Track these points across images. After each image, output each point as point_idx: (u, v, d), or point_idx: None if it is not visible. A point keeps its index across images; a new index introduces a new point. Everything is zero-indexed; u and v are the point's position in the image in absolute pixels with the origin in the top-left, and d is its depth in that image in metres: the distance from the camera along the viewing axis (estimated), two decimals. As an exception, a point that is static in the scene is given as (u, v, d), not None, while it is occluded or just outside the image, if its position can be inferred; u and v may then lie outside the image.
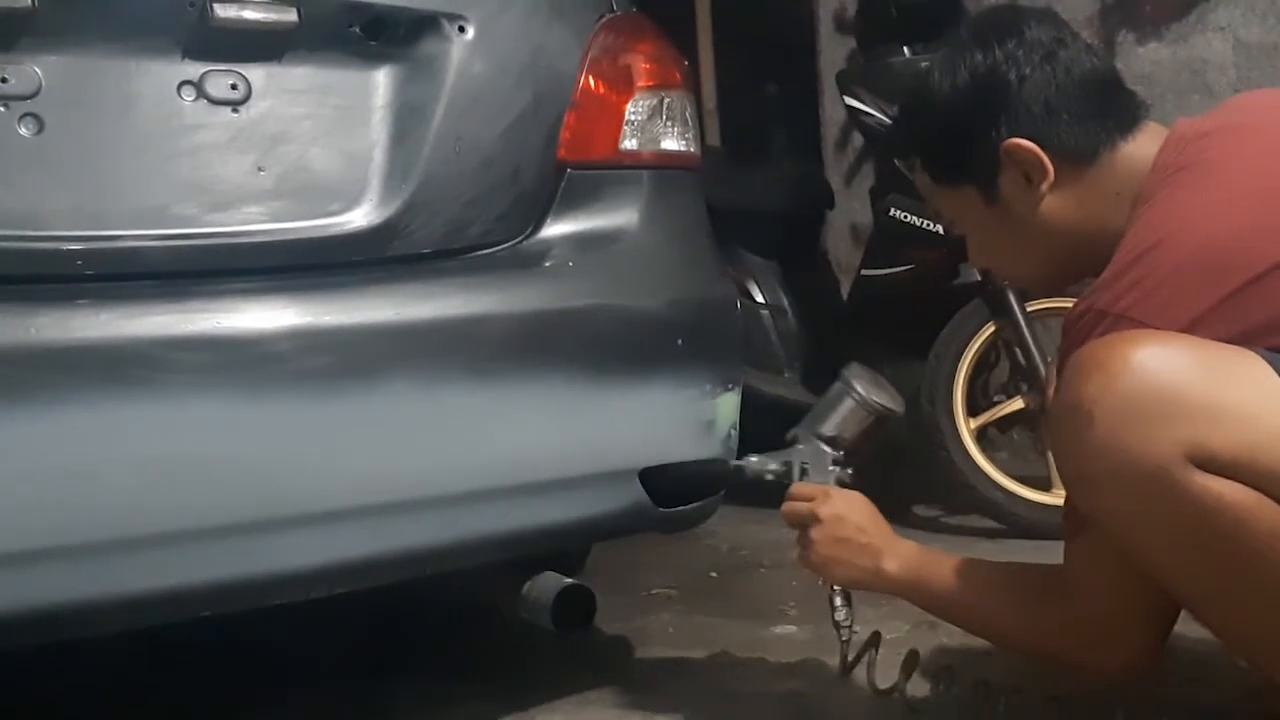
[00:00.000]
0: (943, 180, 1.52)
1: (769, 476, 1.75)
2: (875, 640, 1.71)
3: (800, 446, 1.73)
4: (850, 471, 1.71)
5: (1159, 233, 1.29)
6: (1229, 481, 1.16)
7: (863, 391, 1.70)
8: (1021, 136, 1.41)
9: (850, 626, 1.71)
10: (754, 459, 1.76)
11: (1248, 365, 1.19)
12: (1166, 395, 1.17)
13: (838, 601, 1.70)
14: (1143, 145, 1.40)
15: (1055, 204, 1.42)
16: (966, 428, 2.87)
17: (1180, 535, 1.19)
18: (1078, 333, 1.30)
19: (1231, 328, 1.22)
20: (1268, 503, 1.16)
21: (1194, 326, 1.22)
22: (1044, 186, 1.42)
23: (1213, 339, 1.21)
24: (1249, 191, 1.29)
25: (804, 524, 1.66)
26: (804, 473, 1.71)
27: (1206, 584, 1.23)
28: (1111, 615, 1.36)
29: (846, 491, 1.68)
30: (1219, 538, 1.17)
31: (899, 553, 1.60)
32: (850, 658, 1.72)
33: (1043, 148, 1.40)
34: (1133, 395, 1.18)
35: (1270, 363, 1.19)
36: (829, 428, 1.71)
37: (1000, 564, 1.60)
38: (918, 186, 1.57)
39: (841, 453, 1.71)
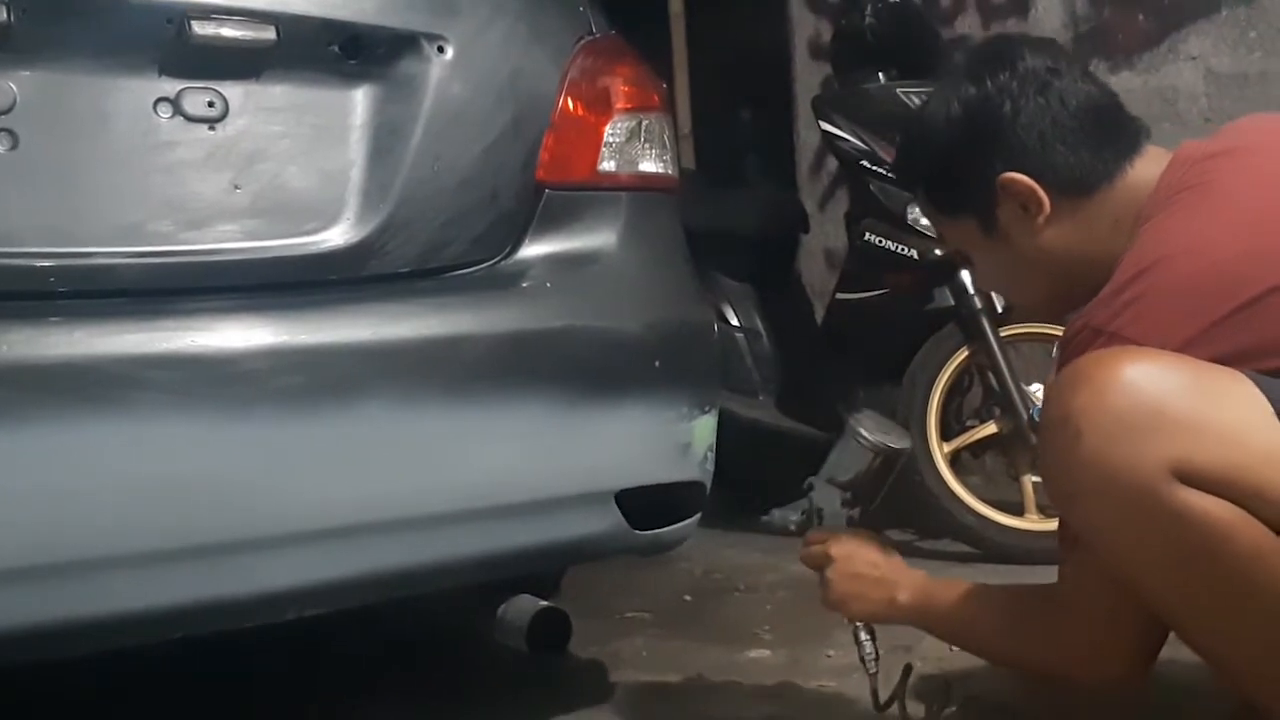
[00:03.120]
0: (943, 210, 1.54)
1: (791, 527, 1.83)
2: (907, 673, 1.70)
3: (814, 494, 1.79)
4: (858, 510, 1.78)
5: (1158, 252, 1.30)
6: (1213, 498, 1.16)
7: (867, 435, 1.75)
8: (1016, 169, 1.42)
9: (876, 660, 1.71)
10: (776, 512, 1.93)
11: (1236, 385, 1.20)
12: (1154, 411, 1.18)
13: (862, 636, 1.71)
14: (1143, 170, 1.41)
15: (1054, 234, 1.43)
16: (940, 452, 2.88)
17: (1164, 550, 1.19)
18: (1073, 349, 1.31)
19: (1223, 349, 1.23)
20: (1251, 520, 1.16)
21: (1186, 347, 1.23)
22: (1041, 218, 1.43)
23: (1204, 360, 1.22)
24: (1249, 215, 1.30)
25: (820, 566, 1.69)
26: (819, 518, 1.77)
27: (1189, 600, 1.23)
28: (1103, 631, 1.36)
29: (858, 531, 1.73)
30: (1202, 553, 1.17)
31: (910, 583, 1.63)
32: (879, 690, 1.71)
33: (1038, 180, 1.41)
34: (1120, 410, 1.18)
35: (1259, 384, 1.19)
36: (840, 473, 1.78)
37: (1000, 587, 1.61)
38: (926, 216, 1.64)
39: (850, 494, 1.77)
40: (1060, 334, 1.50)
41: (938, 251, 2.85)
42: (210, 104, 1.57)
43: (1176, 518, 1.17)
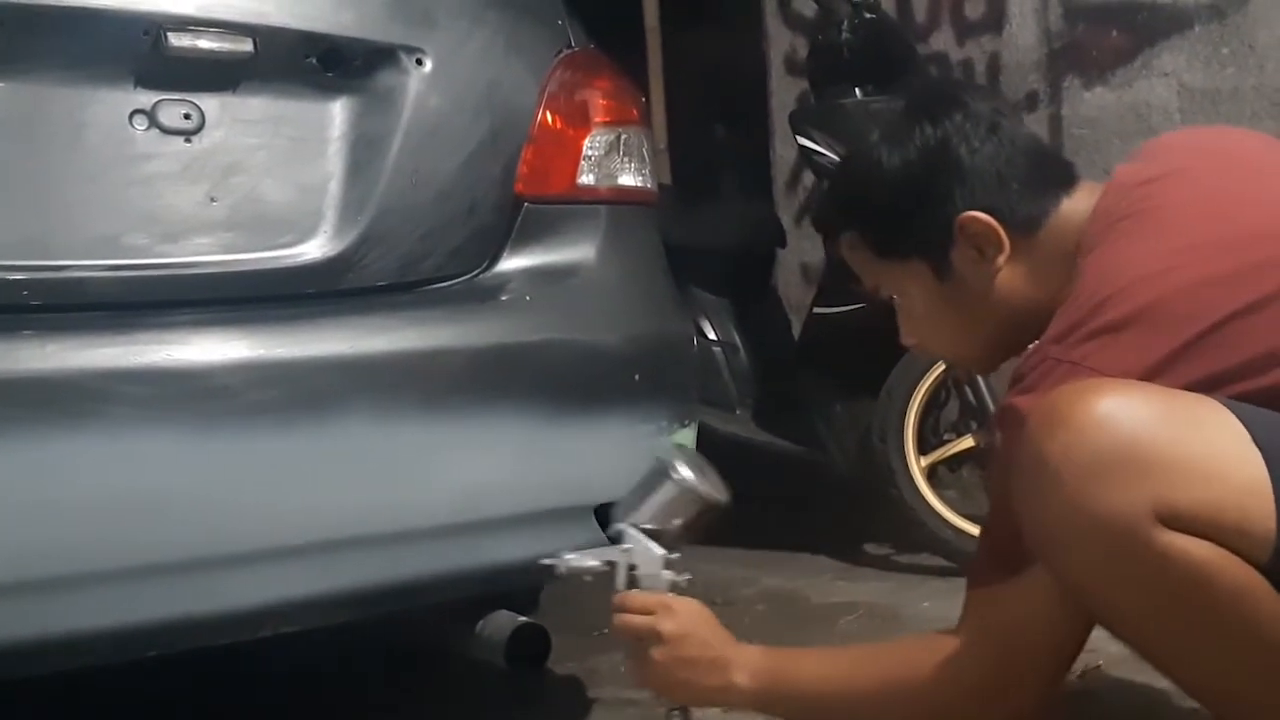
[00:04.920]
0: (889, 255, 1.47)
1: (588, 578, 1.50)
2: None
3: (627, 545, 1.49)
4: (688, 576, 1.50)
5: (1113, 284, 1.28)
6: (1196, 540, 1.14)
7: (687, 476, 1.47)
8: (976, 208, 1.39)
9: None
10: (570, 556, 1.50)
11: (1212, 414, 1.18)
12: (1132, 451, 1.15)
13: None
14: (1080, 201, 1.40)
15: (1008, 275, 1.40)
16: (917, 466, 2.88)
17: (1148, 594, 1.17)
18: (1033, 379, 1.27)
19: (1190, 376, 1.21)
20: (1232, 559, 1.15)
21: (1153, 375, 1.21)
22: (1000, 259, 1.40)
23: (1175, 383, 1.20)
24: (1196, 241, 1.28)
25: (642, 641, 1.46)
26: (632, 577, 1.48)
27: (1174, 641, 1.21)
28: (1019, 660, 1.31)
29: (686, 601, 1.49)
30: (1186, 596, 1.15)
31: (748, 663, 1.44)
32: None
33: (996, 219, 1.39)
34: (1098, 452, 1.15)
35: (1233, 410, 1.18)
36: (654, 519, 1.48)
37: (864, 646, 1.56)
38: (850, 260, 1.51)
39: (675, 554, 1.49)
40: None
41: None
42: (186, 116, 1.56)
43: (1161, 563, 1.14)
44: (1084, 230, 1.35)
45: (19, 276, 1.45)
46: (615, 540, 1.50)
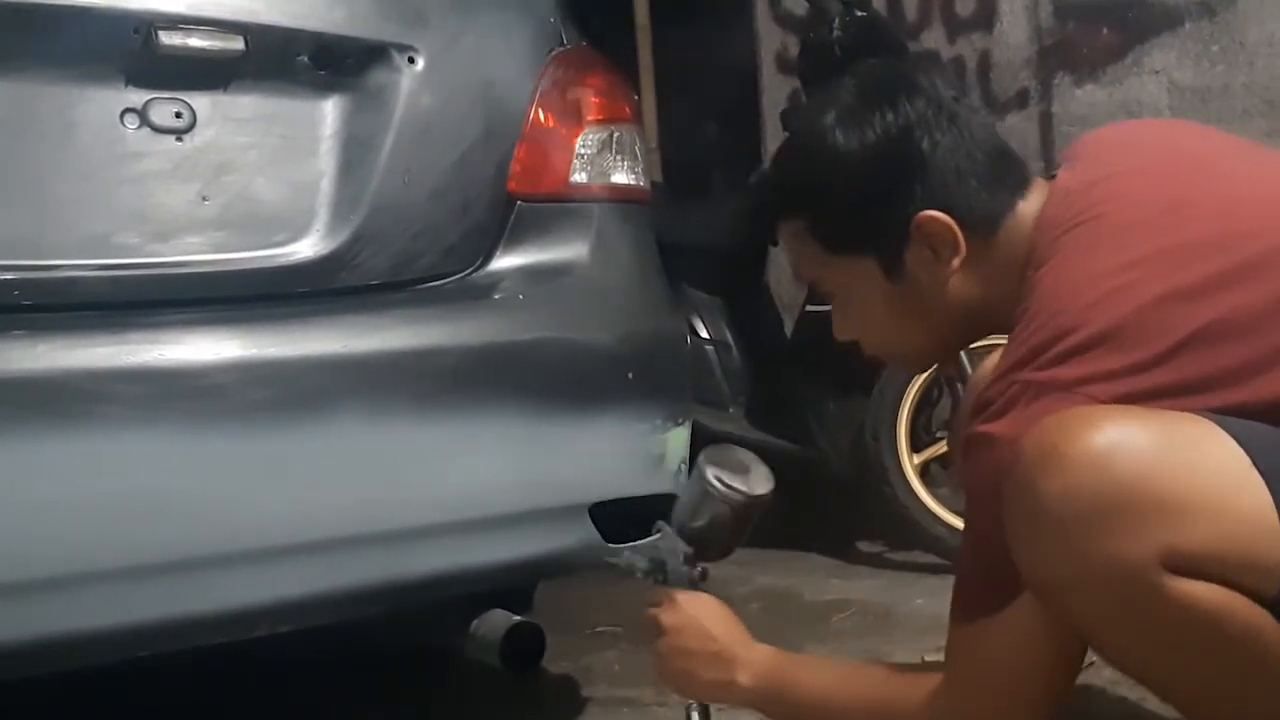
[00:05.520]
0: (838, 250, 1.37)
1: (639, 574, 1.54)
2: None
3: (661, 542, 1.50)
4: (701, 569, 1.48)
5: (1072, 303, 1.21)
6: (1205, 585, 1.11)
7: (714, 479, 1.45)
8: (934, 207, 1.30)
9: None
10: (627, 552, 1.57)
11: (1207, 439, 1.14)
12: (1135, 494, 1.10)
13: (694, 716, 1.49)
14: (1033, 203, 1.33)
15: (960, 278, 1.33)
16: (910, 463, 2.88)
17: (1158, 639, 1.14)
18: (1003, 405, 1.21)
19: (1166, 394, 1.17)
20: (1241, 601, 1.12)
21: (1129, 395, 1.17)
22: (955, 262, 1.32)
23: (1152, 402, 1.16)
24: (1154, 251, 1.23)
25: (654, 635, 1.47)
26: (663, 574, 1.50)
27: (1183, 680, 1.19)
28: (1004, 710, 1.27)
29: (693, 595, 1.47)
30: (1197, 640, 1.13)
31: (755, 662, 1.42)
32: None
33: (955, 219, 1.30)
34: (1100, 496, 1.11)
35: (1227, 428, 1.14)
36: (686, 519, 1.48)
37: (869, 664, 1.51)
38: (789, 248, 1.42)
39: (692, 549, 1.48)
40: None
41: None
42: (178, 115, 1.56)
43: (1171, 611, 1.11)
44: (1033, 239, 1.30)
45: (10, 276, 1.44)
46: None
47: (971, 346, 2.45)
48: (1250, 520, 1.12)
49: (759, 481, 1.47)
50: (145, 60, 1.52)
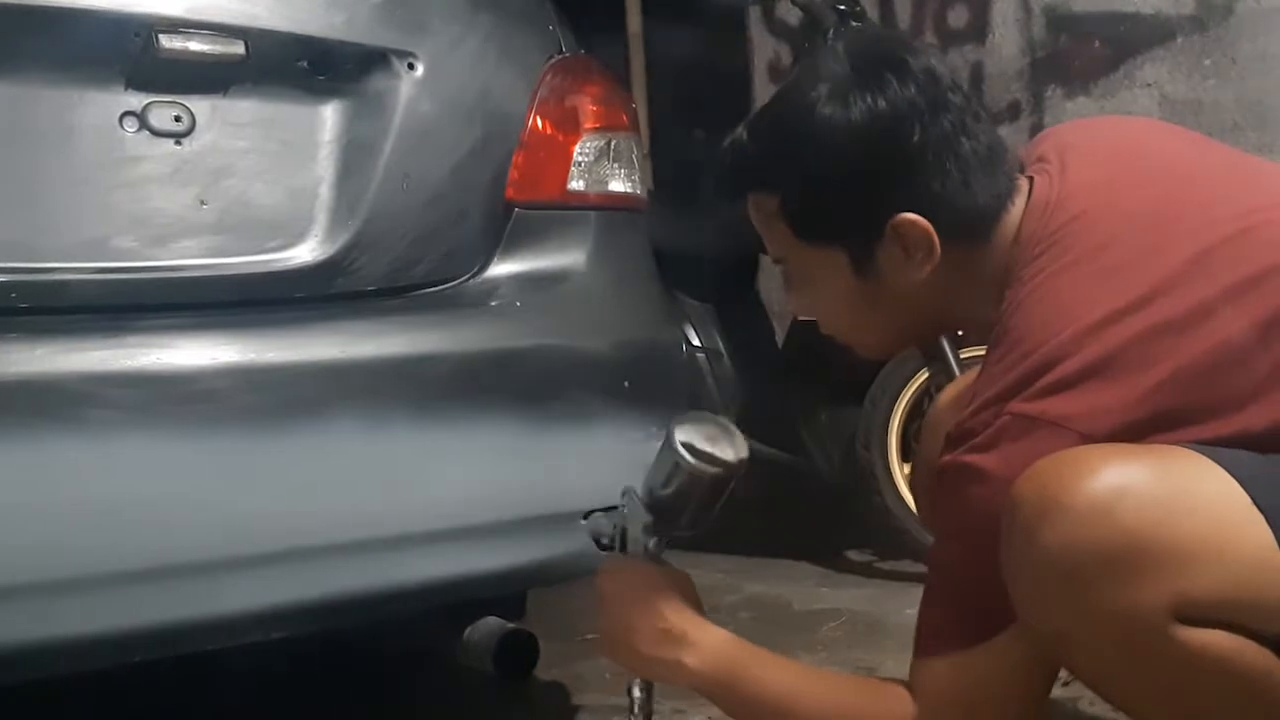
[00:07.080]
0: (807, 238, 1.30)
1: (603, 540, 1.45)
2: None
3: (625, 508, 1.41)
4: (655, 541, 1.37)
5: (1055, 332, 1.18)
6: (1215, 633, 1.10)
7: (682, 445, 1.32)
8: (914, 209, 1.24)
9: None
10: (596, 515, 1.46)
11: (1207, 478, 1.12)
12: (1141, 543, 1.08)
13: (635, 693, 1.39)
14: (1015, 213, 1.28)
15: (930, 281, 1.27)
16: (901, 473, 2.89)
17: (1165, 684, 1.13)
18: (989, 437, 1.17)
19: (1158, 427, 1.15)
20: (1249, 645, 1.11)
21: (1121, 429, 1.15)
22: (927, 266, 1.26)
23: (1144, 436, 1.15)
24: (1137, 277, 1.20)
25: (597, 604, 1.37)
26: (622, 540, 1.40)
27: None
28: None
29: (645, 565, 1.37)
30: (1207, 688, 1.12)
31: (705, 645, 1.31)
32: None
33: (934, 223, 1.24)
34: (1105, 545, 1.08)
35: (1219, 461, 1.13)
36: (654, 487, 1.37)
37: (828, 673, 1.48)
38: (755, 219, 1.34)
39: (655, 518, 1.37)
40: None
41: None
42: (177, 119, 1.56)
43: (1181, 658, 1.10)
44: (1010, 253, 1.26)
45: (7, 279, 1.44)
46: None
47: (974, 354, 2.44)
48: (1255, 561, 1.10)
49: (730, 448, 1.34)
50: (145, 64, 1.52)
